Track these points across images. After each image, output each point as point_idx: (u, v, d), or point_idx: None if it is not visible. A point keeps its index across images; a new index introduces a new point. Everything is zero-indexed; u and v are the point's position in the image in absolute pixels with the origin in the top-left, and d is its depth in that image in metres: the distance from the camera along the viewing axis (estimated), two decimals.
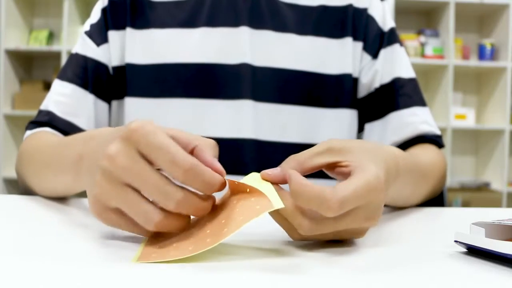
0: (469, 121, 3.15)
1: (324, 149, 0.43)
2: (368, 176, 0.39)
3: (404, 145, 0.76)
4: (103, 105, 0.79)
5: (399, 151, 0.53)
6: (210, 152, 0.40)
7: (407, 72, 0.80)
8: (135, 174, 0.37)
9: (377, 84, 0.79)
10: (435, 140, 0.77)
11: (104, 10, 0.80)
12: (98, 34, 0.79)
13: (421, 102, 0.79)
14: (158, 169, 0.38)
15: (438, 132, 0.79)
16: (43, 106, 0.78)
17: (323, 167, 0.44)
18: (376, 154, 0.45)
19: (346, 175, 0.42)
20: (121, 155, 0.38)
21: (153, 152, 0.37)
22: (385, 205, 0.56)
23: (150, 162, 0.38)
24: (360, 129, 0.81)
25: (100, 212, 0.40)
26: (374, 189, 0.39)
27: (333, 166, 0.43)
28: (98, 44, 0.79)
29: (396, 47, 0.81)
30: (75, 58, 0.79)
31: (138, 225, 0.39)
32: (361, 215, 0.39)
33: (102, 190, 0.38)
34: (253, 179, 0.42)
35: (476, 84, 3.41)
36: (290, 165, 0.42)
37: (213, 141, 0.42)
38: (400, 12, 3.11)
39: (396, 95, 0.78)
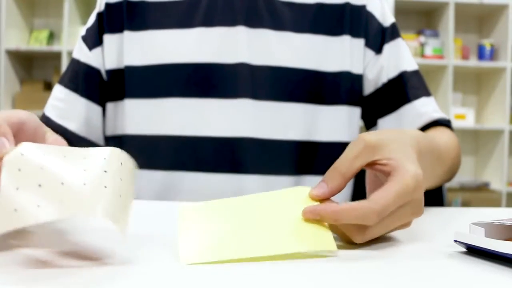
0: (469, 121, 3.15)
1: (360, 149, 0.44)
2: (406, 178, 0.41)
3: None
4: (96, 108, 0.80)
5: (419, 133, 0.54)
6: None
7: (411, 65, 0.82)
8: None
9: (384, 79, 0.80)
10: (447, 125, 0.80)
11: (100, 14, 0.81)
12: (92, 38, 0.81)
13: (427, 92, 0.82)
14: None
15: (447, 117, 0.81)
16: (44, 109, 0.81)
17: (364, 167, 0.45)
18: (405, 143, 0.46)
19: (387, 173, 0.43)
20: None
21: None
22: None
23: None
24: (372, 124, 0.83)
25: None
26: (413, 190, 0.41)
27: (372, 164, 0.44)
28: (91, 48, 0.80)
29: (399, 41, 0.83)
30: (72, 63, 0.82)
31: None
32: (406, 212, 0.42)
33: None
34: (302, 198, 0.43)
35: (475, 84, 3.41)
36: (335, 180, 0.43)
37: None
38: (400, 12, 3.11)
39: (405, 88, 0.80)
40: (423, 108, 0.79)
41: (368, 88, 0.81)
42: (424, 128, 0.79)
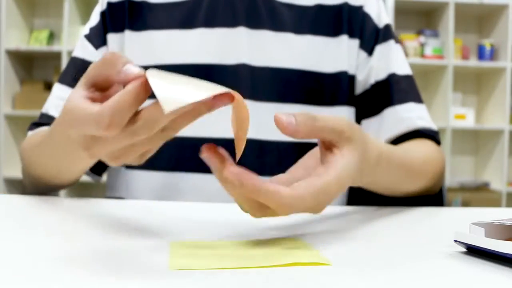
0: (469, 121, 3.15)
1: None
2: (333, 182, 0.42)
3: (401, 140, 0.77)
4: None
5: (385, 144, 0.57)
6: (120, 66, 0.43)
7: (402, 68, 0.81)
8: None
9: (372, 81, 0.79)
10: (432, 136, 0.77)
11: (103, 14, 0.81)
12: (97, 37, 0.80)
13: (417, 99, 0.80)
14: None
15: (434, 128, 0.79)
16: (44, 110, 0.79)
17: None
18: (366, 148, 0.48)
19: (327, 152, 0.45)
20: None
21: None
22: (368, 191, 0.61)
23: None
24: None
25: None
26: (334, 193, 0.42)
27: (329, 144, 0.45)
28: (97, 47, 0.80)
29: (391, 43, 0.81)
30: (74, 61, 0.81)
31: None
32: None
33: None
34: (293, 245, 0.43)
35: (475, 84, 3.41)
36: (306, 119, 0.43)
37: (108, 57, 0.44)
38: (400, 12, 3.11)
39: (391, 91, 0.78)
40: (406, 114, 0.77)
41: (358, 88, 0.80)
42: (405, 137, 0.76)
